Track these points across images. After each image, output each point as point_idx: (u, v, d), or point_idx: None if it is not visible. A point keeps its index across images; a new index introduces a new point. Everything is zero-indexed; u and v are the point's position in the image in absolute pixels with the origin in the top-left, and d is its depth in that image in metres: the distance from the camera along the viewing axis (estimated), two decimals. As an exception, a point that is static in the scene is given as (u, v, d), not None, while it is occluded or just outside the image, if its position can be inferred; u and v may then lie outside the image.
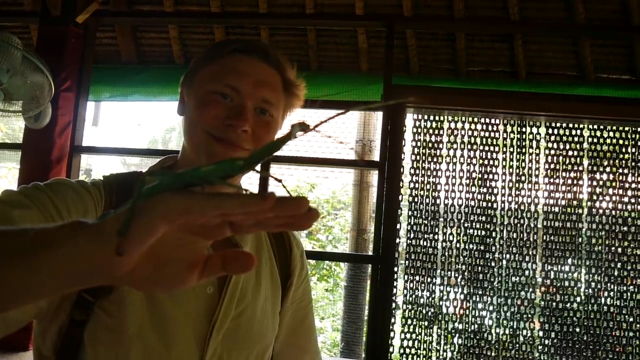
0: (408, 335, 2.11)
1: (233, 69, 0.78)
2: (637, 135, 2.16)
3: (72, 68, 2.24)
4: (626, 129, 2.17)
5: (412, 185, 2.20)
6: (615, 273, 2.08)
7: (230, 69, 0.78)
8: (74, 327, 0.68)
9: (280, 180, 0.46)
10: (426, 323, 2.13)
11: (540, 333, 2.11)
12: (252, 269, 0.39)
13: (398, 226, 2.13)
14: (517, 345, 2.09)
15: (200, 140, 0.76)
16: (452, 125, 2.23)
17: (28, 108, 2.07)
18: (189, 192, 0.38)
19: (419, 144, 2.22)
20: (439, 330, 2.12)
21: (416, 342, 2.11)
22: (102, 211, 0.72)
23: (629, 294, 2.07)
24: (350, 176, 4.50)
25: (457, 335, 2.12)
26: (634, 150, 2.15)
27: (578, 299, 2.09)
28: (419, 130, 2.23)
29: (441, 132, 2.23)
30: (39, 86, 2.04)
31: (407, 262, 2.16)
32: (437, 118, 2.23)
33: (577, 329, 2.08)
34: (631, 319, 2.05)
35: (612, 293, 2.07)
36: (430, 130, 2.22)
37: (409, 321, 2.12)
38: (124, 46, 2.58)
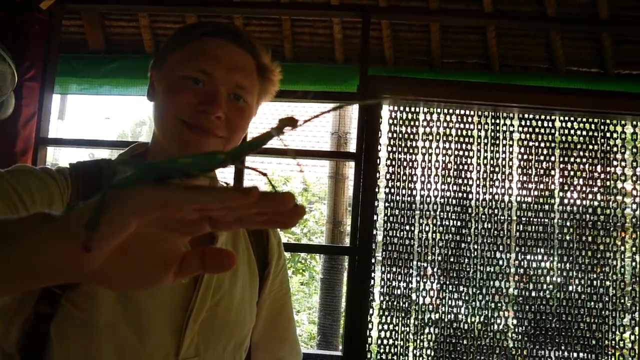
0: (385, 327, 2.12)
1: (205, 53, 0.75)
2: (606, 127, 2.21)
3: (36, 57, 2.14)
4: (595, 120, 2.21)
5: (388, 176, 2.20)
6: (586, 261, 2.14)
7: (202, 53, 0.75)
8: (39, 321, 0.65)
9: (265, 174, 0.43)
10: (403, 314, 2.14)
11: (514, 321, 2.15)
12: (232, 268, 0.37)
13: (375, 217, 2.13)
14: (491, 333, 2.12)
15: (171, 127, 0.74)
16: (428, 117, 2.24)
17: (-11, 98, 1.97)
18: (165, 184, 0.36)
19: (394, 135, 2.22)
20: (415, 321, 2.14)
21: (393, 332, 2.12)
22: (68, 200, 0.69)
23: (598, 281, 2.12)
24: (325, 169, 4.49)
25: (433, 325, 2.14)
26: (602, 141, 2.21)
27: (550, 287, 2.14)
28: (395, 121, 2.22)
29: (417, 123, 2.23)
30: (1, 75, 1.95)
31: (384, 253, 2.16)
32: (413, 109, 2.23)
33: (550, 317, 2.12)
34: (600, 305, 2.11)
35: (582, 281, 2.13)
36: (406, 122, 2.22)
37: (386, 312, 2.13)
38: (92, 35, 2.49)
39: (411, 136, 2.22)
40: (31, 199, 0.63)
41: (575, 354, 2.10)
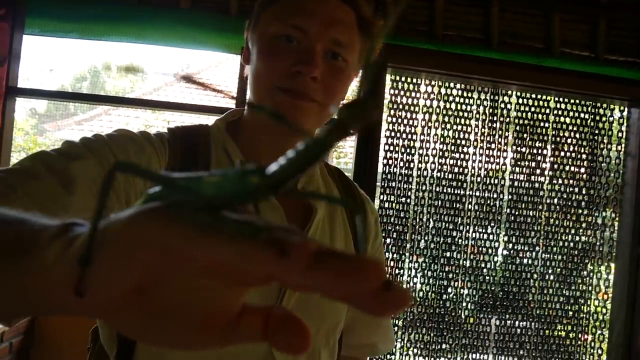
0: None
1: (299, 8, 0.68)
2: (596, 110, 2.28)
3: (8, -7, 1.89)
4: (587, 103, 2.28)
5: (387, 148, 2.16)
6: (575, 239, 2.23)
7: (295, 8, 0.68)
8: None
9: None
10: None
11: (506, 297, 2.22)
12: (304, 352, 0.25)
13: (377, 189, 2.10)
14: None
15: (264, 93, 0.69)
16: (429, 89, 2.21)
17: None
18: (176, 213, 0.24)
19: (395, 106, 2.18)
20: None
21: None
22: (165, 164, 0.64)
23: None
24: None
25: (425, 302, 2.17)
26: (592, 124, 2.28)
27: (535, 262, 2.22)
28: (396, 92, 2.18)
29: (417, 94, 2.20)
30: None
31: (381, 225, 2.15)
32: (414, 80, 2.20)
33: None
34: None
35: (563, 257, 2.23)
36: (407, 93, 2.19)
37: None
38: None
39: (411, 108, 2.19)
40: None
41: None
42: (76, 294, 0.24)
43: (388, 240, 2.15)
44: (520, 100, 2.25)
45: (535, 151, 2.25)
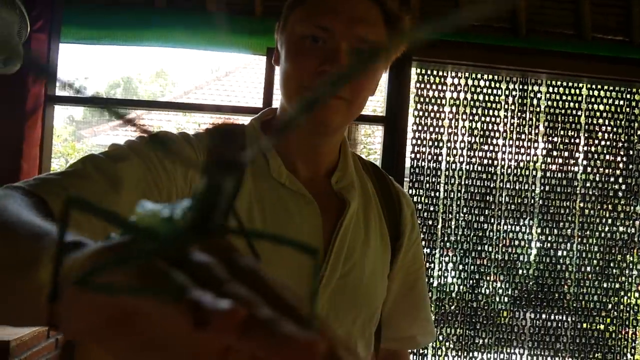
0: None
1: (323, 8, 0.69)
2: (631, 96, 2.21)
3: (45, 5, 1.98)
4: (622, 89, 2.21)
5: (414, 141, 2.16)
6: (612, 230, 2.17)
7: (320, 8, 0.70)
8: None
9: (253, 251, 0.30)
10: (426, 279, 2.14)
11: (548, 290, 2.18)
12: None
13: (405, 181, 2.10)
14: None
15: (294, 93, 0.71)
16: (456, 81, 2.19)
17: (-4, 50, 1.82)
18: (122, 257, 0.24)
19: (422, 99, 2.17)
20: (436, 288, 2.15)
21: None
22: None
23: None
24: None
25: (455, 293, 2.15)
26: (627, 110, 2.21)
27: (571, 254, 2.17)
28: (423, 85, 2.17)
29: (444, 87, 2.18)
30: (8, 24, 1.79)
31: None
32: (440, 73, 2.18)
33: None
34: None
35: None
36: (434, 86, 2.17)
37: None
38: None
39: (438, 101, 2.17)
40: (171, 162, 0.63)
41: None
42: (49, 325, 0.26)
43: (418, 235, 2.15)
44: (551, 89, 2.20)
45: (568, 140, 2.19)
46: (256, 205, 0.70)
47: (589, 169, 2.19)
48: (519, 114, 2.18)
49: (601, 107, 2.20)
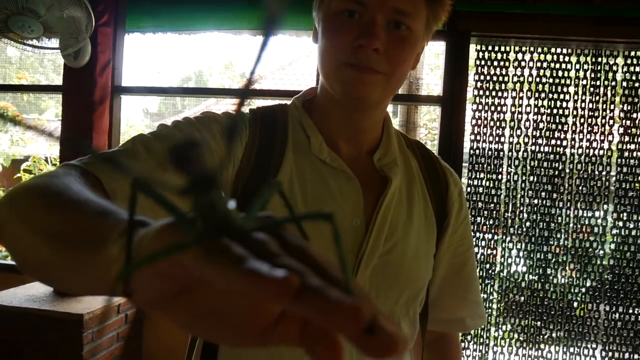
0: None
1: None
2: None
3: (109, 0, 2.09)
4: None
5: (474, 122, 2.05)
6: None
7: None
8: None
9: (302, 231, 0.31)
10: (487, 266, 2.05)
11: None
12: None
13: (463, 166, 2.01)
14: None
15: (331, 70, 0.70)
16: (520, 56, 2.05)
17: (67, 44, 1.95)
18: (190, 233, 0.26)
19: (482, 77, 2.05)
20: (503, 276, 2.04)
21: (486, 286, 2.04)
22: (246, 141, 0.70)
23: None
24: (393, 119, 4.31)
25: (520, 278, 2.04)
26: None
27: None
28: (483, 62, 2.05)
29: (507, 64, 2.05)
30: (78, 20, 1.91)
31: (468, 202, 2.05)
32: (503, 49, 2.05)
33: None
34: None
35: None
36: (495, 62, 2.05)
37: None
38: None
39: (500, 78, 2.05)
40: (215, 142, 0.65)
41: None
42: (124, 295, 0.29)
43: (478, 220, 2.05)
44: (629, 61, 2.00)
45: (649, 117, 1.98)
46: (297, 181, 0.70)
47: (674, 148, 1.97)
48: (592, 89, 2.00)
49: (690, 79, 1.96)
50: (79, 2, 1.85)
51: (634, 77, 1.99)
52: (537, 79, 2.03)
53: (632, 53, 1.99)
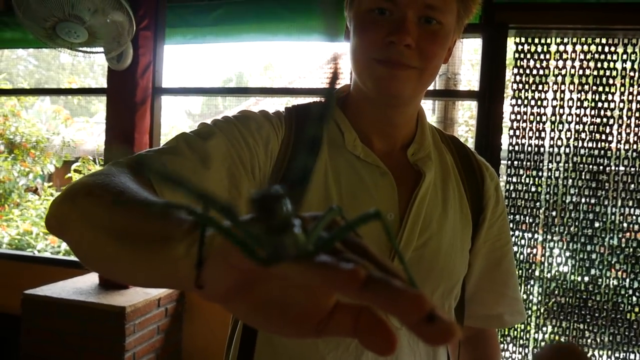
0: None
1: None
2: None
3: (149, 5, 2.17)
4: None
5: (512, 117, 1.99)
6: None
7: None
8: None
9: (355, 232, 0.32)
10: (528, 265, 1.98)
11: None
12: (390, 354, 0.25)
13: (501, 162, 1.96)
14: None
15: (363, 67, 0.70)
16: (561, 48, 1.97)
17: (110, 48, 2.04)
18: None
19: (521, 71, 1.99)
20: (545, 275, 1.98)
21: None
22: (282, 137, 0.72)
23: None
24: (429, 114, 4.26)
25: (561, 278, 1.96)
26: None
27: None
28: (522, 55, 1.99)
29: (547, 57, 1.98)
30: (120, 25, 1.99)
31: (507, 201, 2.00)
32: (543, 41, 1.98)
33: None
34: None
35: None
36: (535, 55, 1.98)
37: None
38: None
39: (541, 71, 1.98)
40: (252, 139, 0.67)
41: None
42: (196, 287, 0.32)
43: (518, 218, 1.99)
44: (681, 49, 1.89)
45: None
46: (332, 177, 0.71)
47: None
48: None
49: None
50: (121, 7, 1.92)
51: (687, 67, 1.88)
52: (580, 72, 1.95)
53: (685, 41, 1.88)
